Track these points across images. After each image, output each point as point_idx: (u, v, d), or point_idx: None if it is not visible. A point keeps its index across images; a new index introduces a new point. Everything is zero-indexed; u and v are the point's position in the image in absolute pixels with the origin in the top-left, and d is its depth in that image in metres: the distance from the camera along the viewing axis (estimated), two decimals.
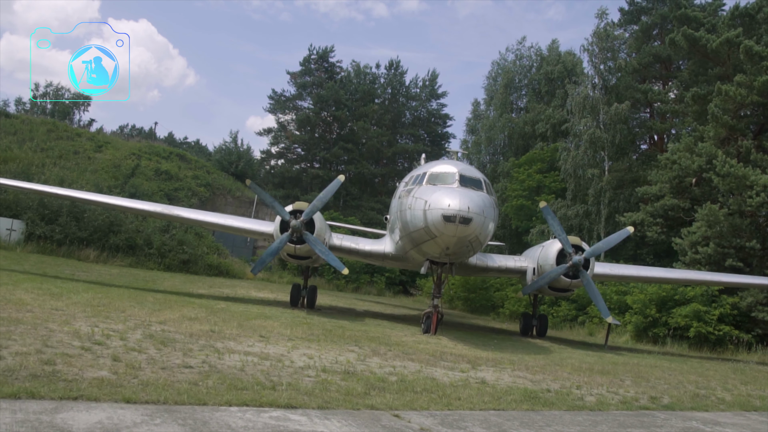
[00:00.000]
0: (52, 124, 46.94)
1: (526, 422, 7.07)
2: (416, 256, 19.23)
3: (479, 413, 7.26)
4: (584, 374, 12.48)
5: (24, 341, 7.72)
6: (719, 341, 25.66)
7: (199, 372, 7.44)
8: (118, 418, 5.01)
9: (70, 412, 5.00)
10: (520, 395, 8.75)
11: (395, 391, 7.99)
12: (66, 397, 5.39)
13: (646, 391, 11.03)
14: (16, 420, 4.59)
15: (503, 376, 10.84)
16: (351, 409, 6.57)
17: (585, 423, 7.48)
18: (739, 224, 27.07)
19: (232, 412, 5.74)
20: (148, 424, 4.97)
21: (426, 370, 10.35)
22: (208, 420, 5.34)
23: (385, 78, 58.29)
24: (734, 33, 28.90)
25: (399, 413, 6.66)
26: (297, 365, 9.04)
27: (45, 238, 30.51)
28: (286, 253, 19.68)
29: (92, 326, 9.83)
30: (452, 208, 15.02)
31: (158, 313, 13.32)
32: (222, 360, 8.53)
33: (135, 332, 9.87)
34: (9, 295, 12.48)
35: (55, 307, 11.62)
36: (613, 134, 34.94)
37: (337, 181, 19.29)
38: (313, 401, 6.61)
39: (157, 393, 5.91)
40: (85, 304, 12.93)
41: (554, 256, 20.08)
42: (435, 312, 17.46)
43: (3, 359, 6.54)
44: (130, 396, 5.66)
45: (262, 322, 14.81)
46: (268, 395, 6.56)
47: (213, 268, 35.81)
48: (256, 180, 54.15)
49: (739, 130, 28.66)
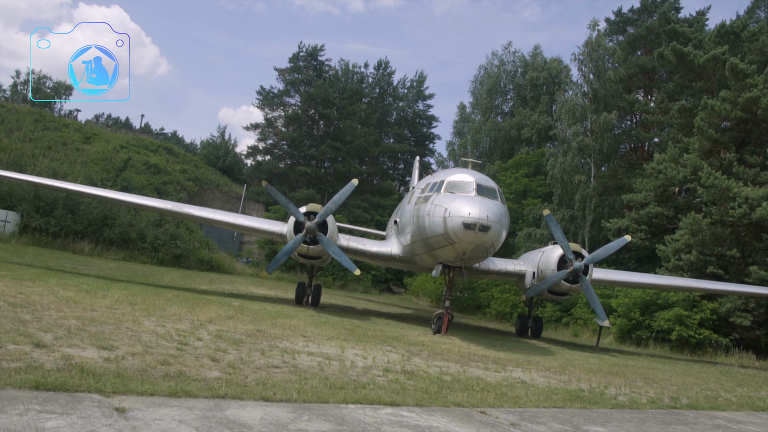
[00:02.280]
0: (38, 114, 46.58)
1: (589, 419, 7.91)
2: (426, 259, 20.04)
3: (546, 410, 8.08)
4: (599, 375, 13.41)
5: (123, 341, 8.28)
6: (699, 344, 27.10)
7: (290, 371, 8.10)
8: (273, 415, 5.65)
9: (231, 409, 5.63)
10: (566, 395, 9.61)
11: (460, 389, 8.76)
12: (215, 396, 6.04)
13: (662, 392, 11.99)
14: (195, 416, 5.23)
15: (534, 377, 11.69)
16: (443, 407, 7.33)
17: (634, 420, 8.37)
18: (720, 233, 28.48)
19: (353, 409, 6.44)
20: (300, 420, 5.62)
21: (468, 370, 11.14)
22: (344, 416, 6.04)
23: (374, 77, 59.01)
24: (721, 50, 30.31)
25: (484, 410, 7.44)
26: (359, 365, 9.75)
27: (40, 230, 30.48)
28: (298, 252, 20.25)
29: (160, 326, 10.39)
30: (472, 216, 15.87)
31: (197, 311, 13.84)
32: (296, 360, 9.19)
33: (200, 332, 10.45)
34: (54, 292, 12.92)
35: (107, 305, 12.07)
36: (601, 142, 36.24)
37: (351, 185, 19.98)
38: (408, 399, 7.34)
39: (284, 393, 6.55)
40: (127, 302, 13.37)
41: (556, 262, 21.08)
42: (446, 313, 18.27)
43: (125, 359, 7.12)
44: (267, 395, 6.30)
45: (288, 321, 15.42)
46: (368, 394, 7.25)
47: (204, 263, 36.09)
48: (241, 175, 54.45)
49: (723, 143, 30.08)
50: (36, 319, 8.91)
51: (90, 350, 7.29)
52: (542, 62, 49.81)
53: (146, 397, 5.57)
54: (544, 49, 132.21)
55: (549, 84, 47.16)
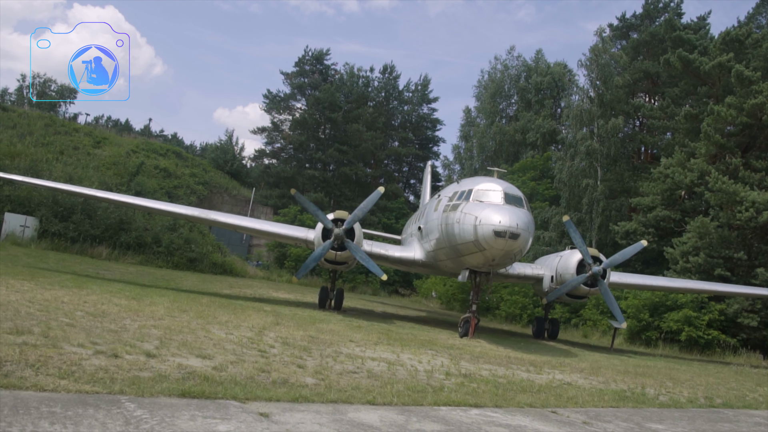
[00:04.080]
0: (49, 119, 47.01)
1: (646, 418, 8.58)
2: (451, 264, 20.74)
3: (605, 410, 8.74)
4: (630, 376, 14.09)
5: (211, 349, 8.86)
6: (708, 345, 27.92)
7: (369, 377, 8.72)
8: (387, 417, 6.25)
9: (350, 413, 6.22)
10: (614, 395, 10.28)
11: (519, 391, 9.41)
12: (328, 400, 6.66)
13: (694, 392, 12.66)
14: (327, 420, 5.84)
15: (574, 378, 12.35)
16: (517, 407, 7.97)
17: (684, 418, 9.04)
18: (727, 236, 29.30)
19: (447, 411, 7.06)
20: (411, 422, 6.22)
21: (514, 372, 11.79)
22: (445, 418, 6.67)
23: (380, 81, 59.66)
24: (726, 57, 31.13)
25: (554, 410, 8.09)
26: (420, 369, 10.39)
27: (59, 235, 30.93)
28: (325, 258, 20.84)
29: (227, 333, 10.99)
30: (503, 224, 16.56)
31: (243, 318, 14.40)
32: (365, 365, 9.82)
33: (265, 339, 11.05)
34: (110, 300, 13.49)
35: (165, 313, 12.63)
36: (608, 147, 37.03)
37: (377, 193, 20.65)
38: (486, 401, 7.98)
39: (383, 397, 7.16)
40: (177, 309, 13.91)
41: (575, 266, 21.79)
42: (473, 317, 18.93)
43: (228, 368, 7.71)
44: (371, 399, 6.92)
45: (327, 325, 16.01)
46: (450, 396, 7.87)
47: (218, 267, 36.56)
48: (249, 179, 54.97)
49: (728, 148, 30.90)
50: (121, 328, 9.49)
51: (192, 359, 7.89)
52: (545, 66, 50.59)
53: (273, 403, 6.17)
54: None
55: (553, 88, 47.94)
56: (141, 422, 4.82)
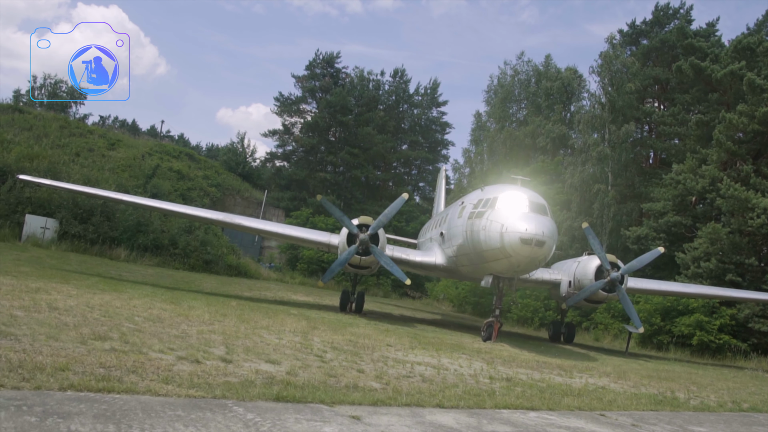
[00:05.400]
0: (63, 120, 47.53)
1: (687, 420, 9.06)
2: (471, 269, 21.28)
3: (648, 413, 9.22)
4: (656, 381, 14.57)
5: (275, 355, 9.36)
6: (719, 349, 28.41)
7: (424, 381, 9.20)
8: (460, 419, 6.74)
9: (428, 416, 6.71)
10: (649, 399, 10.76)
11: (562, 394, 9.88)
12: (403, 404, 7.15)
13: (720, 396, 13.14)
14: (411, 422, 6.31)
15: (606, 382, 12.82)
16: (568, 410, 8.45)
17: (720, 421, 9.53)
18: (739, 242, 29.77)
19: (509, 413, 7.52)
20: (482, 424, 6.70)
21: (550, 377, 12.26)
22: (511, 420, 7.14)
23: (390, 85, 60.22)
24: (738, 66, 31.64)
25: (603, 413, 8.58)
26: (464, 373, 10.87)
27: (79, 237, 31.31)
28: (348, 262, 21.33)
29: (277, 338, 11.46)
30: (529, 232, 17.08)
31: (281, 322, 14.88)
32: (414, 369, 10.30)
33: (313, 343, 11.52)
34: (153, 305, 13.98)
35: (211, 318, 13.11)
36: (620, 152, 37.54)
37: (401, 199, 21.15)
38: (540, 404, 8.47)
39: (449, 400, 7.65)
40: (218, 314, 14.39)
41: (593, 272, 22.28)
42: (497, 322, 19.42)
43: (299, 372, 8.19)
44: (440, 403, 7.41)
45: (357, 329, 16.46)
46: (506, 400, 8.35)
47: (232, 269, 36.97)
48: (260, 181, 55.47)
49: (740, 155, 31.39)
50: (184, 334, 9.97)
51: (263, 364, 8.37)
52: (555, 71, 51.09)
53: (356, 407, 6.65)
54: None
55: (563, 93, 48.46)
56: (258, 425, 5.29)
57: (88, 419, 4.75)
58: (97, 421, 4.73)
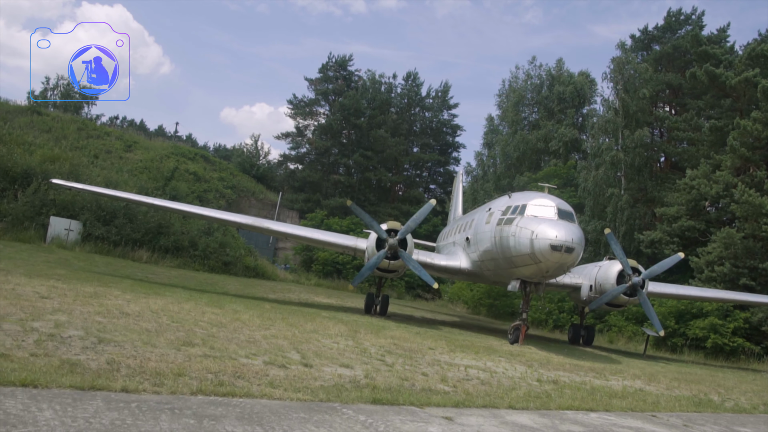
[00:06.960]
0: (81, 123, 48.14)
1: (730, 421, 9.64)
2: (496, 274, 21.90)
3: (693, 414, 9.81)
4: (686, 383, 15.14)
5: (342, 359, 9.95)
6: (733, 352, 29.00)
7: (482, 383, 9.78)
8: (536, 420, 7.31)
9: (505, 416, 7.32)
10: (688, 400, 11.35)
11: (608, 396, 10.45)
12: (481, 405, 7.73)
13: (750, 398, 13.72)
14: (496, 423, 6.89)
15: (641, 385, 13.39)
16: (622, 411, 9.04)
17: (760, 422, 10.12)
18: (752, 247, 30.36)
19: (574, 414, 8.11)
20: (555, 424, 7.30)
21: (589, 380, 12.84)
22: (579, 420, 7.71)
23: (403, 88, 60.76)
24: (752, 73, 32.22)
25: (654, 414, 9.17)
26: (512, 376, 11.46)
27: (102, 238, 31.81)
28: (377, 267, 21.91)
29: (333, 342, 12.04)
30: (559, 239, 17.67)
31: (324, 326, 15.43)
32: (468, 372, 10.88)
33: (367, 347, 12.10)
34: (201, 309, 14.56)
35: (267, 324, 13.69)
36: (633, 157, 38.14)
37: (429, 205, 21.77)
38: (598, 405, 9.05)
39: (518, 402, 8.23)
40: (267, 318, 14.97)
41: (615, 276, 22.88)
42: (524, 325, 20.03)
43: (374, 376, 8.76)
44: (511, 404, 8.00)
45: (392, 332, 17.02)
46: (565, 402, 8.94)
47: (250, 270, 37.46)
48: (274, 183, 56.07)
49: (753, 161, 31.97)
50: (252, 339, 10.55)
51: (340, 369, 8.94)
52: (567, 76, 51.69)
53: (442, 408, 7.22)
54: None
55: (575, 97, 49.06)
56: (372, 426, 5.87)
57: (233, 421, 5.32)
58: (242, 423, 5.30)
